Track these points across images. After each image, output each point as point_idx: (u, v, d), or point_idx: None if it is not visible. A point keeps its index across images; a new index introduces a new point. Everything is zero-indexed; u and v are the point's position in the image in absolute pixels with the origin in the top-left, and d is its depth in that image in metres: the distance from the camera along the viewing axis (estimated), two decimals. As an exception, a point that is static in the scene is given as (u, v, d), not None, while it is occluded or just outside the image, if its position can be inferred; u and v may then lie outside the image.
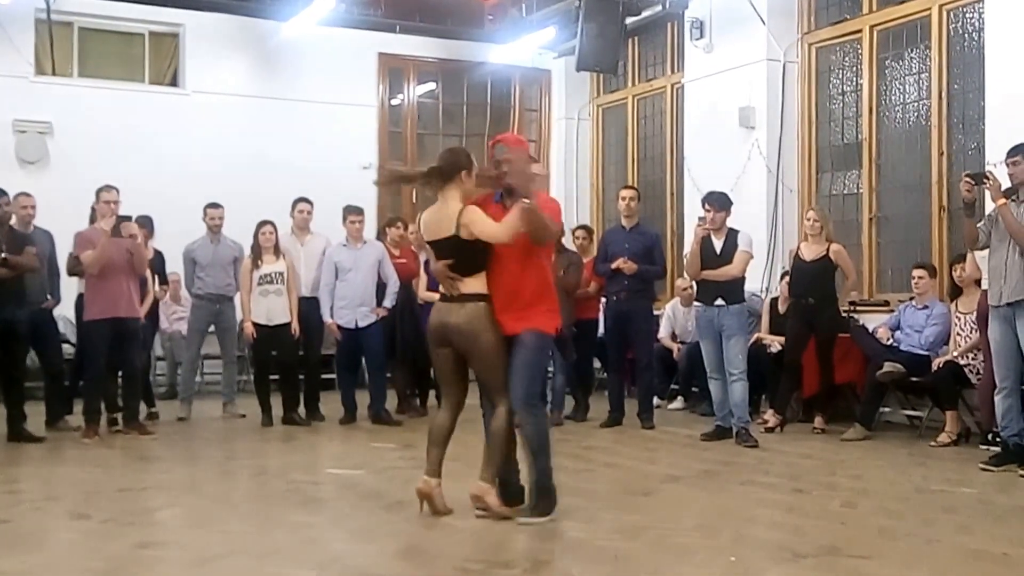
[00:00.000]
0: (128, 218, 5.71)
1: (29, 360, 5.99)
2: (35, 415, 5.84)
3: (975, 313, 5.43)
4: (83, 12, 8.56)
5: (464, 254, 3.56)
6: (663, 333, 7.51)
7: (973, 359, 5.53)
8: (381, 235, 6.99)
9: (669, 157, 8.82)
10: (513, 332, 3.53)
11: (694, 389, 7.16)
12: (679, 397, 7.44)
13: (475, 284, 3.56)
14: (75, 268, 5.78)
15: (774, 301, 6.85)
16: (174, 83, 8.94)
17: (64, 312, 6.54)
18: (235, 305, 6.77)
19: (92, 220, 5.93)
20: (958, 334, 5.70)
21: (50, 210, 6.23)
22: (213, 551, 3.21)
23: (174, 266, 6.99)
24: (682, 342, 7.35)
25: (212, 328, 6.83)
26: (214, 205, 6.79)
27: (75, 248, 5.72)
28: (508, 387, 3.51)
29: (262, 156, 8.65)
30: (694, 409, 7.10)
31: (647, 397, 6.45)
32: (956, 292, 5.77)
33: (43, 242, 5.95)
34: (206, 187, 7.42)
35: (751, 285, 6.47)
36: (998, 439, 4.88)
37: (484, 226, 3.52)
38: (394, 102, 9.75)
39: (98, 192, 5.81)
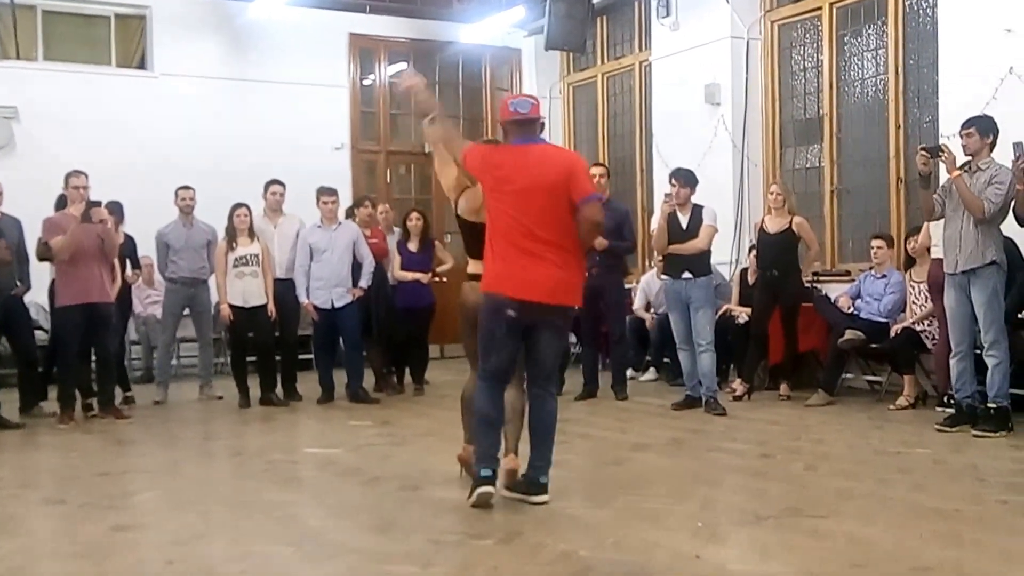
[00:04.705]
0: (98, 203, 5.69)
1: (1, 347, 5.96)
2: (9, 402, 5.82)
3: (927, 283, 5.61)
4: (46, -5, 8.41)
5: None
6: (638, 304, 7.62)
7: (929, 325, 5.70)
8: (349, 216, 6.98)
9: (638, 134, 8.89)
10: None
11: (666, 360, 7.29)
12: (652, 368, 7.59)
13: (475, 266, 3.58)
14: (45, 254, 5.74)
15: (744, 272, 6.98)
16: (142, 66, 8.80)
17: (36, 299, 6.50)
18: (209, 288, 6.78)
19: (61, 206, 5.89)
20: (913, 302, 5.88)
21: (17, 196, 6.14)
22: (190, 532, 3.26)
23: (146, 250, 6.96)
24: (657, 313, 7.48)
25: (187, 311, 6.84)
26: (185, 187, 6.79)
27: (44, 234, 5.67)
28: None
29: (233, 138, 8.56)
30: (666, 380, 7.24)
31: (620, 370, 6.57)
32: (910, 263, 5.95)
33: (11, 229, 5.88)
34: (176, 171, 7.38)
35: (719, 258, 6.61)
36: (952, 401, 5.05)
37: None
38: (366, 82, 9.71)
39: (67, 177, 5.77)
